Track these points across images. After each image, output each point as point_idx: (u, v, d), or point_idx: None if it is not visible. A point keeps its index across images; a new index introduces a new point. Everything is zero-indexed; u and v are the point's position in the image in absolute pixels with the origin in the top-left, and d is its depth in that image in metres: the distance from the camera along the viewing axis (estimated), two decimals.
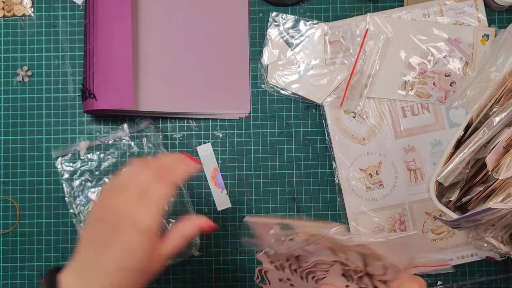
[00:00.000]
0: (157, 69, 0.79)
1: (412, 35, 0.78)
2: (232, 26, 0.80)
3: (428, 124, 0.78)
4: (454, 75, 0.78)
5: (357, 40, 0.79)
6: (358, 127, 0.78)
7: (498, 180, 0.65)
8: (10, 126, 0.80)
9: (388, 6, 0.80)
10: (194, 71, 0.79)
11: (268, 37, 0.80)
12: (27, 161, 0.79)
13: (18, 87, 0.80)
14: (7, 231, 0.79)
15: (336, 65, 0.79)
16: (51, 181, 0.79)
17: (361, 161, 0.78)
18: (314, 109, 0.80)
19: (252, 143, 0.80)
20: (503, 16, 0.80)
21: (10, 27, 0.80)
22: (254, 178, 0.80)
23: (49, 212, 0.79)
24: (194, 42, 0.80)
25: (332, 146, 0.78)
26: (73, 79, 0.80)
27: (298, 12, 0.81)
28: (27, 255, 0.79)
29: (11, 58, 0.80)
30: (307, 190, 0.80)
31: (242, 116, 0.80)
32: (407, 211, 0.78)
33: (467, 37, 0.78)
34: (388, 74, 0.78)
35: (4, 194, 0.79)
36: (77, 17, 0.81)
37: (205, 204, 0.80)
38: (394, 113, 0.79)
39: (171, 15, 0.80)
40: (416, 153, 0.78)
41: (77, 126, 0.80)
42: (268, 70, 0.79)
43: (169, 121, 0.80)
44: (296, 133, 0.80)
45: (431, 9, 0.79)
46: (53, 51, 0.80)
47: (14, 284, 0.79)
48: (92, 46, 0.75)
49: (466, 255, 0.78)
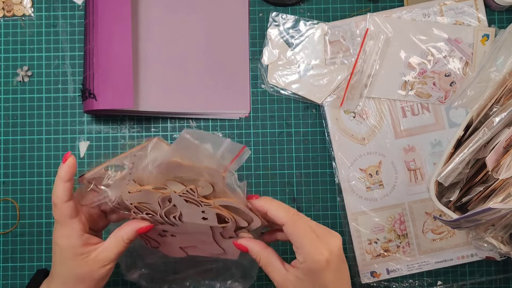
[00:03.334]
0: (157, 69, 0.79)
1: (412, 35, 0.78)
2: (232, 26, 0.80)
3: (428, 124, 0.78)
4: (454, 75, 0.78)
5: (357, 40, 0.79)
6: (358, 127, 0.78)
7: (498, 180, 0.65)
8: (10, 126, 0.80)
9: (388, 6, 0.80)
10: (194, 71, 0.79)
11: (268, 37, 0.80)
12: (27, 161, 0.79)
13: (18, 87, 0.80)
14: (7, 231, 0.79)
15: (336, 65, 0.79)
16: (51, 181, 0.79)
17: (361, 161, 0.78)
18: (314, 109, 0.80)
19: (252, 143, 0.80)
20: (503, 16, 0.80)
21: (10, 27, 0.80)
22: (254, 178, 0.80)
23: (49, 212, 0.79)
24: (194, 42, 0.80)
25: (332, 146, 0.78)
26: (73, 79, 0.80)
27: (298, 12, 0.81)
28: (27, 255, 0.79)
29: (11, 58, 0.80)
30: (307, 190, 0.80)
31: (242, 116, 0.80)
32: (407, 211, 0.78)
33: (467, 37, 0.78)
34: (388, 74, 0.78)
35: (4, 194, 0.79)
36: (77, 17, 0.81)
37: None
38: (394, 113, 0.79)
39: (171, 15, 0.80)
40: (416, 153, 0.78)
41: (77, 126, 0.80)
42: (268, 70, 0.79)
43: (169, 121, 0.80)
44: (296, 133, 0.80)
45: (431, 9, 0.79)
46: (53, 51, 0.80)
47: (14, 284, 0.79)
48: (92, 46, 0.75)
49: (466, 255, 0.78)
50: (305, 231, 0.57)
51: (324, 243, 0.57)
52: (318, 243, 0.57)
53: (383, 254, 0.78)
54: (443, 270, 0.79)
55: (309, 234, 0.57)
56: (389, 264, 0.78)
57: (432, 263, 0.78)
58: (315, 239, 0.57)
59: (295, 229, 0.57)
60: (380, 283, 0.78)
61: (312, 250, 0.57)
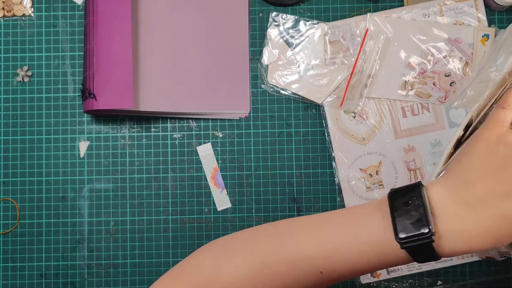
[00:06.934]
0: (157, 69, 0.79)
1: (412, 35, 0.78)
2: (232, 26, 0.80)
3: (428, 124, 0.78)
4: (454, 75, 0.78)
5: (357, 40, 0.79)
6: (358, 127, 0.78)
7: None
8: (10, 126, 0.80)
9: (388, 6, 0.80)
10: (194, 71, 0.79)
11: (268, 37, 0.80)
12: (27, 161, 0.79)
13: (18, 87, 0.80)
14: (7, 231, 0.79)
15: (336, 65, 0.79)
16: (51, 181, 0.79)
17: (361, 161, 0.78)
18: (314, 109, 0.80)
19: (252, 143, 0.80)
20: (503, 16, 0.80)
21: (10, 27, 0.80)
22: (254, 178, 0.80)
23: (49, 212, 0.79)
24: (194, 42, 0.80)
25: (332, 146, 0.78)
26: (73, 79, 0.80)
27: (298, 12, 0.81)
28: (27, 255, 0.79)
29: (11, 58, 0.80)
30: (307, 190, 0.80)
31: (242, 116, 0.80)
32: None
33: (467, 37, 0.78)
34: (388, 74, 0.78)
35: (4, 194, 0.79)
36: (77, 17, 0.81)
37: (205, 204, 0.80)
38: (394, 113, 0.79)
39: (171, 15, 0.80)
40: (416, 153, 0.78)
41: (77, 126, 0.80)
42: (268, 70, 0.79)
43: (169, 121, 0.80)
44: (296, 133, 0.80)
45: (431, 9, 0.79)
46: (53, 51, 0.80)
47: (14, 284, 0.79)
48: (92, 46, 0.75)
49: (466, 255, 0.78)
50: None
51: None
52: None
53: None
54: (443, 270, 0.79)
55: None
56: None
57: (432, 263, 0.78)
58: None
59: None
60: (380, 283, 0.78)
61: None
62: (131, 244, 0.79)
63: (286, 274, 0.50)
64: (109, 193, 0.79)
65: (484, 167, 0.48)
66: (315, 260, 0.50)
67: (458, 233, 0.47)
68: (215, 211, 0.79)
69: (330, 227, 0.50)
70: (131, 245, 0.79)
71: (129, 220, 0.79)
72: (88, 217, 0.79)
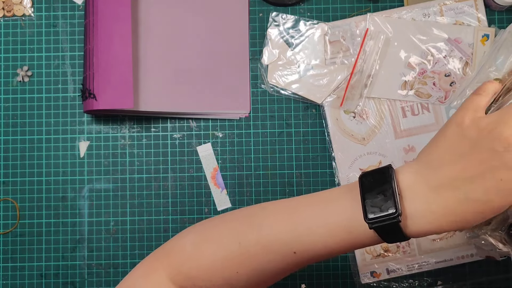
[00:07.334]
0: (157, 69, 0.79)
1: (412, 35, 0.78)
2: (232, 26, 0.80)
3: (428, 124, 0.78)
4: (454, 75, 0.78)
5: (357, 40, 0.79)
6: (358, 127, 0.78)
7: None
8: (10, 126, 0.80)
9: (388, 6, 0.80)
10: (194, 71, 0.79)
11: (268, 37, 0.80)
12: (27, 161, 0.79)
13: (18, 87, 0.80)
14: (7, 231, 0.79)
15: (336, 65, 0.79)
16: (51, 181, 0.79)
17: (361, 161, 0.78)
18: (314, 109, 0.80)
19: (252, 143, 0.80)
20: (503, 16, 0.80)
21: (10, 27, 0.80)
22: (254, 178, 0.80)
23: (49, 212, 0.79)
24: (194, 42, 0.80)
25: (332, 146, 0.78)
26: (73, 79, 0.80)
27: (298, 12, 0.81)
28: (27, 255, 0.79)
29: (11, 58, 0.80)
30: (307, 190, 0.80)
31: (242, 116, 0.80)
32: None
33: (467, 37, 0.78)
34: (388, 74, 0.78)
35: (4, 194, 0.79)
36: (77, 17, 0.81)
37: (205, 204, 0.80)
38: (394, 113, 0.79)
39: (171, 15, 0.80)
40: (416, 153, 0.78)
41: (77, 126, 0.80)
42: (268, 70, 0.79)
43: (169, 121, 0.80)
44: (296, 133, 0.80)
45: (431, 9, 0.79)
46: (53, 51, 0.80)
47: (14, 284, 0.79)
48: (92, 46, 0.75)
49: (466, 255, 0.78)
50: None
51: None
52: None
53: (383, 254, 0.78)
54: (443, 270, 0.79)
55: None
56: (389, 264, 0.78)
57: (432, 263, 0.78)
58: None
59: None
60: (380, 283, 0.78)
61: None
62: (131, 244, 0.79)
63: (261, 255, 0.52)
64: (109, 193, 0.79)
65: (454, 150, 0.49)
66: (289, 242, 0.52)
67: (423, 213, 0.48)
68: (215, 211, 0.79)
69: (303, 209, 0.53)
70: (131, 245, 0.79)
71: (129, 220, 0.79)
72: (88, 217, 0.79)
